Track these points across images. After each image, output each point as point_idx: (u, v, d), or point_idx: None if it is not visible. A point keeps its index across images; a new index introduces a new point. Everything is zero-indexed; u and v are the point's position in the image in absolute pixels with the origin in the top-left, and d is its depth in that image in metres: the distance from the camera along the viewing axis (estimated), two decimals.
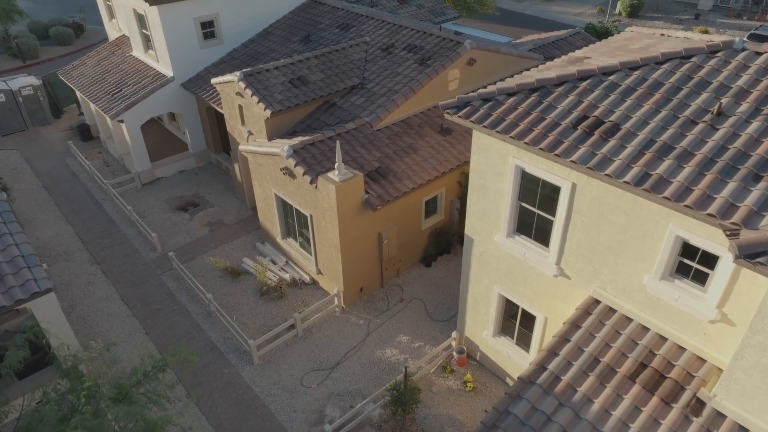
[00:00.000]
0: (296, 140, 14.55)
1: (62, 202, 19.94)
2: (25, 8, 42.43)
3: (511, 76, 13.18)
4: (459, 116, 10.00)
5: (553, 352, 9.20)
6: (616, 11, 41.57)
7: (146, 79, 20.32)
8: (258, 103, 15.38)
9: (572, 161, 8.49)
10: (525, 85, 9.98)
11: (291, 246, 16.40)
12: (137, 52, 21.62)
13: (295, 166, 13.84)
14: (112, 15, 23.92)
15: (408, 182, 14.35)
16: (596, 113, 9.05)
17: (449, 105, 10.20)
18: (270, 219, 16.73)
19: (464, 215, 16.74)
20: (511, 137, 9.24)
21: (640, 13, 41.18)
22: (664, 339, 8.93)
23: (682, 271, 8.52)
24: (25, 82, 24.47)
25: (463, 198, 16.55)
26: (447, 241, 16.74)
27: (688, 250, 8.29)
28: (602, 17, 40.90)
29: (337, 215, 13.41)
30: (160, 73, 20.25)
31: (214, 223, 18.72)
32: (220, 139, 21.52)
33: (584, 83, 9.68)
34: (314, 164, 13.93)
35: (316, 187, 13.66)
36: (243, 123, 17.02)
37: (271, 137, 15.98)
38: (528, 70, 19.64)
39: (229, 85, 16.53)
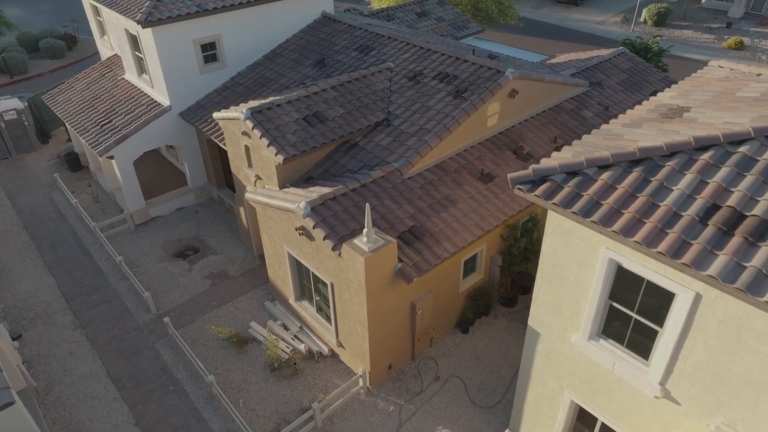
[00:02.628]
0: (314, 194, 12.26)
1: (45, 248, 17.66)
2: (16, 17, 40.23)
3: (585, 138, 10.80)
4: (536, 195, 7.69)
5: None
6: (641, 19, 39.22)
7: (140, 107, 18.03)
8: (268, 146, 13.09)
9: (710, 276, 6.19)
10: (623, 156, 7.64)
11: (306, 310, 14.10)
12: (130, 75, 19.34)
13: (314, 227, 11.55)
14: (103, 32, 21.62)
15: (448, 245, 12.04)
16: (733, 202, 6.73)
17: (522, 179, 7.89)
18: (281, 277, 14.44)
19: (505, 271, 14.46)
20: (614, 232, 6.93)
21: (666, 21, 38.81)
22: None
23: None
24: (8, 105, 22.18)
25: (505, 254, 14.26)
26: (486, 303, 14.44)
27: None
28: (627, 26, 38.55)
29: (366, 290, 11.12)
30: (155, 102, 17.95)
31: (216, 275, 16.42)
32: (223, 174, 19.22)
33: (705, 155, 7.34)
34: (336, 225, 11.64)
35: (339, 254, 11.37)
36: (250, 165, 14.73)
37: (282, 184, 13.69)
38: (574, 98, 17.49)
39: (233, 122, 14.24)
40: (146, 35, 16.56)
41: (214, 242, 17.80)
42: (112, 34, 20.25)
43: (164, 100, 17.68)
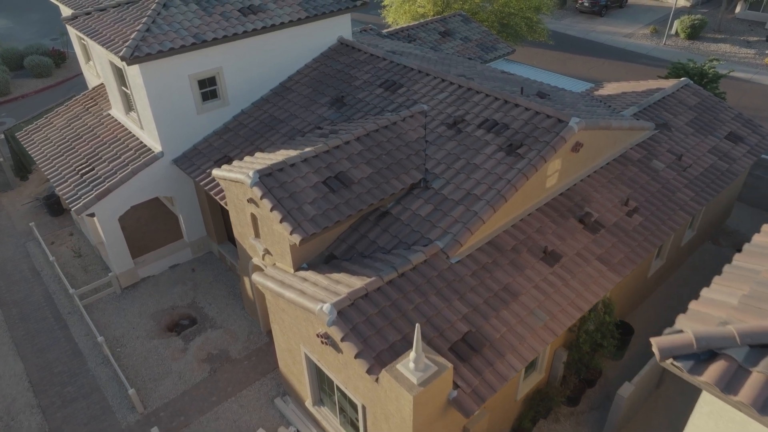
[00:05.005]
0: (340, 288, 9.60)
1: (14, 319, 15.01)
2: (3, 28, 37.73)
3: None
4: (702, 380, 5.02)
5: None
6: (673, 32, 36.51)
7: (126, 152, 15.38)
8: (281, 222, 10.44)
9: None
10: None
11: (327, 420, 11.45)
12: (117, 111, 16.70)
13: (342, 339, 8.90)
14: (89, 56, 18.97)
15: (513, 359, 9.39)
16: None
17: (677, 350, 5.22)
18: (296, 375, 11.80)
19: (571, 368, 11.81)
20: None
21: (701, 34, 36.10)
22: None
23: None
24: None
25: (572, 348, 11.63)
26: (547, 406, 11.79)
27: None
28: (658, 39, 35.86)
29: (412, 429, 8.47)
30: (145, 146, 15.31)
31: (216, 357, 13.78)
32: (224, 226, 16.57)
33: None
34: (371, 336, 9.00)
35: (377, 380, 8.72)
36: (257, 236, 12.10)
37: (298, 265, 11.05)
38: (641, 145, 14.70)
39: (237, 185, 11.60)
40: (133, 71, 13.93)
41: (213, 311, 15.14)
42: (97, 61, 17.61)
43: (155, 145, 15.03)
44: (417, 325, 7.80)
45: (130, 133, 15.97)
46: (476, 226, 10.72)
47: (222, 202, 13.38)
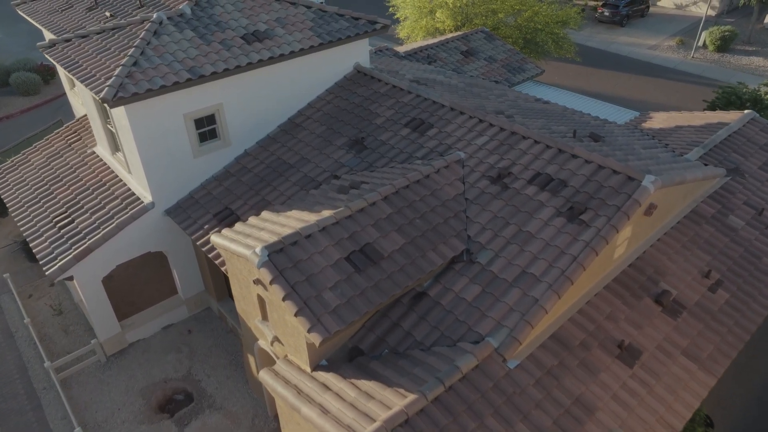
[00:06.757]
0: (377, 417, 7.51)
1: None
2: None
3: None
4: None
5: None
6: (700, 43, 34.41)
7: (112, 200, 13.31)
8: (297, 315, 8.35)
9: None
10: None
11: None
12: (102, 149, 14.62)
13: None
14: (73, 83, 16.89)
15: None
16: None
17: None
18: None
19: None
20: None
21: (731, 46, 34.01)
22: None
23: None
24: None
25: None
26: None
27: None
28: (684, 51, 33.78)
29: None
30: (133, 194, 13.23)
31: None
32: (225, 283, 14.48)
33: None
34: None
35: None
36: (264, 319, 10.02)
37: (316, 363, 8.96)
38: (712, 196, 12.42)
39: (242, 261, 9.52)
40: (118, 112, 11.87)
41: (212, 385, 13.06)
42: (80, 92, 15.53)
43: (145, 194, 12.96)
44: None
45: (117, 177, 13.90)
46: (537, 318, 8.63)
47: (222, 269, 11.29)
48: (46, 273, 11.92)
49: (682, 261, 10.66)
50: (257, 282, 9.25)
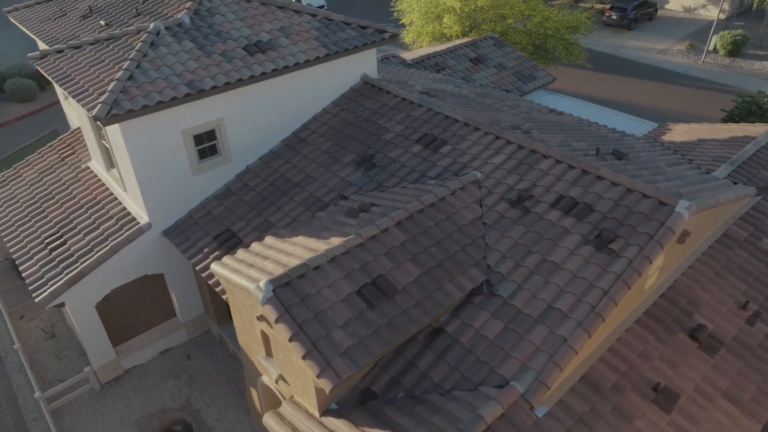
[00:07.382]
0: None
1: None
2: None
3: None
4: None
5: None
6: (711, 47, 33.68)
7: (107, 221, 12.60)
8: (304, 358, 7.64)
9: None
10: None
11: None
12: (96, 164, 13.92)
13: None
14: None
15: None
16: None
17: None
18: None
19: None
20: None
21: (742, 50, 33.29)
22: None
23: None
24: None
25: None
26: None
27: None
28: (694, 55, 33.07)
29: None
30: (129, 214, 12.53)
31: None
32: (226, 305, 13.77)
33: None
34: None
35: None
36: (269, 355, 9.32)
37: (324, 408, 8.25)
38: (743, 218, 11.65)
39: (243, 294, 8.80)
40: (112, 129, 11.17)
41: (212, 416, 12.35)
42: (73, 105, 14.83)
43: (141, 214, 12.25)
44: None
45: (112, 194, 13.19)
46: (567, 359, 7.91)
47: (224, 297, 10.58)
48: (36, 300, 11.20)
49: (715, 290, 9.95)
50: (261, 318, 8.54)
